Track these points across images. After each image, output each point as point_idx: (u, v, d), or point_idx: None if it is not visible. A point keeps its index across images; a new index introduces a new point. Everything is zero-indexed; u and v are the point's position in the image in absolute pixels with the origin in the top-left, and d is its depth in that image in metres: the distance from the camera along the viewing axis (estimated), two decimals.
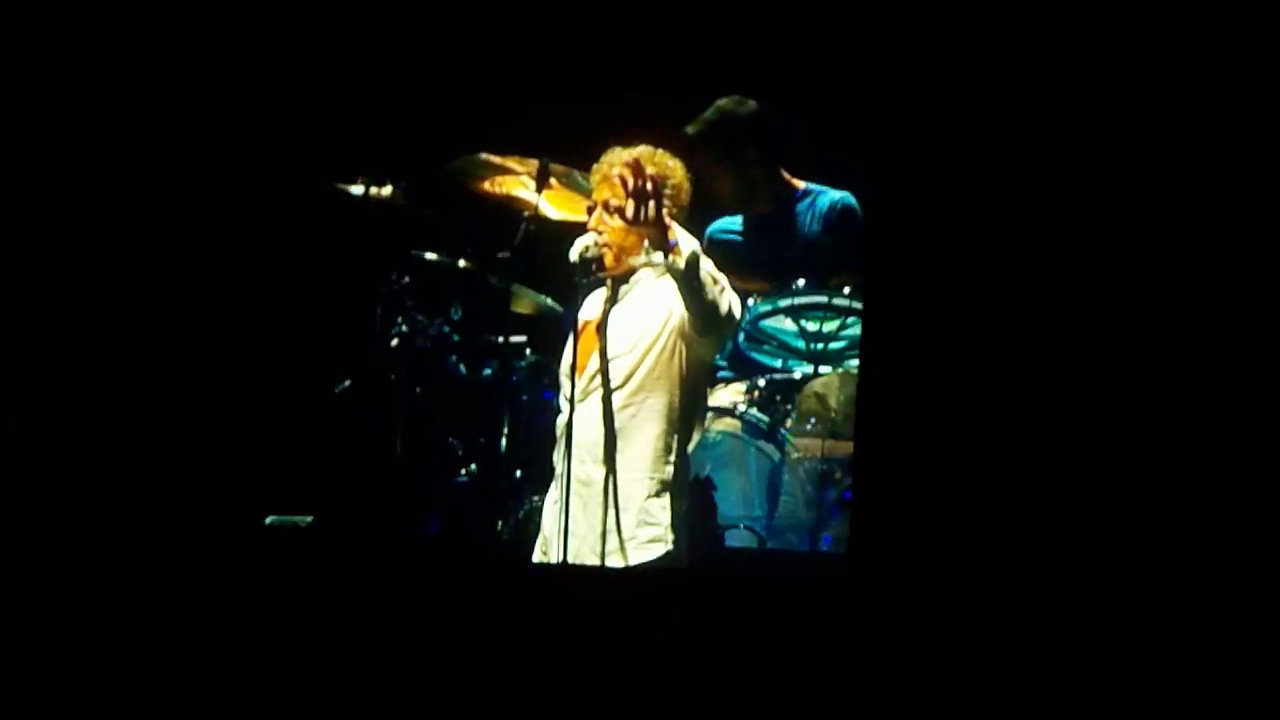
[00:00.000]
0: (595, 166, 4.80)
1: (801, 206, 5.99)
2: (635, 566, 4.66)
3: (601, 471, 4.68)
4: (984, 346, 4.63)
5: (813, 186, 6.00)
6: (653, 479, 4.70)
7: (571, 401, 4.72)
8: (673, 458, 4.72)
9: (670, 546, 4.71)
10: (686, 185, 4.76)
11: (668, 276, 4.63)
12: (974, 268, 4.64)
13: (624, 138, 4.81)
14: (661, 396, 4.70)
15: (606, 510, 4.66)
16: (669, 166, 4.73)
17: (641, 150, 4.74)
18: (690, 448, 4.81)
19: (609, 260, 4.74)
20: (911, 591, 4.61)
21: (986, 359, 4.63)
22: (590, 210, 4.77)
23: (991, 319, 4.63)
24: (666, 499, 4.71)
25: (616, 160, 4.72)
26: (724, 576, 4.93)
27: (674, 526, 4.71)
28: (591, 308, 4.81)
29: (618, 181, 4.58)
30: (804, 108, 5.62)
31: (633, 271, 4.76)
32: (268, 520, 5.31)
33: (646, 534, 4.69)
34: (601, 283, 4.79)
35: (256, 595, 4.84)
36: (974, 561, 4.61)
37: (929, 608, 4.59)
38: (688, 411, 4.76)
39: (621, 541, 4.67)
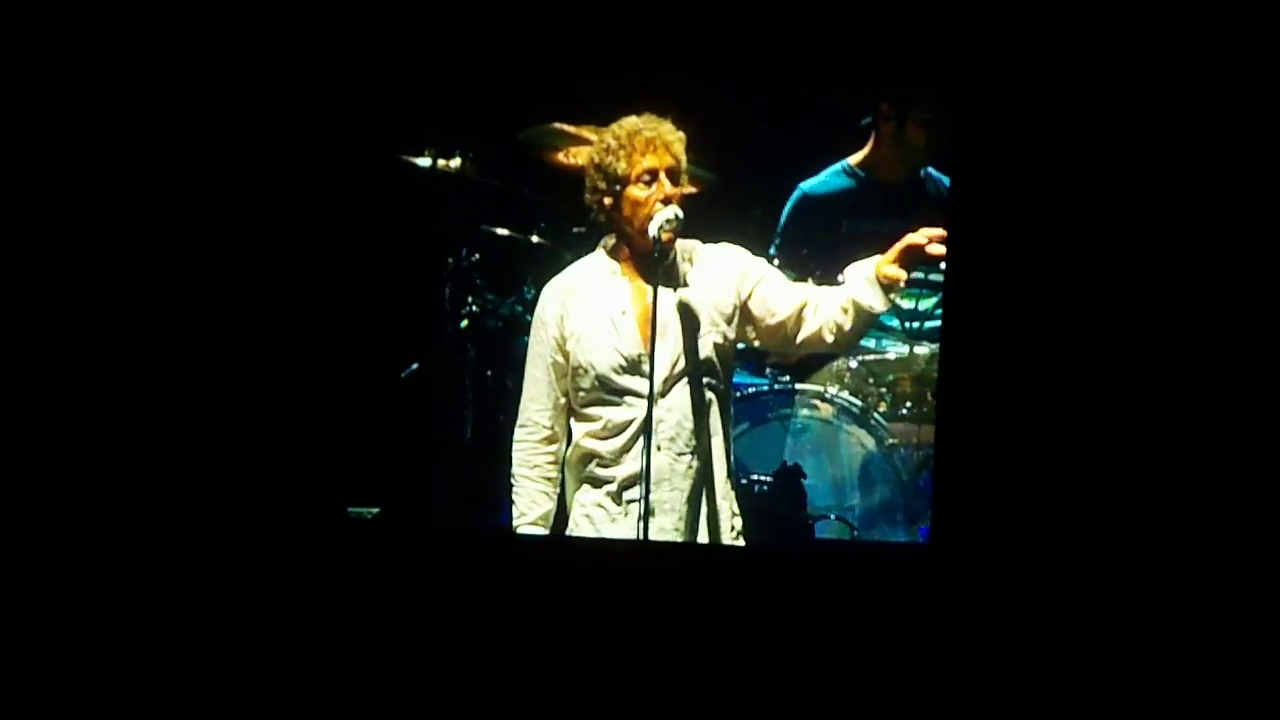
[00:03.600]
0: (641, 130, 4.50)
1: (927, 186, 5.73)
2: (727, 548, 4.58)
3: (695, 462, 4.51)
4: (1071, 326, 4.42)
5: (931, 169, 5.76)
6: (729, 463, 4.59)
7: (651, 396, 4.45)
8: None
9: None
10: None
11: (687, 247, 4.54)
12: (1058, 245, 4.43)
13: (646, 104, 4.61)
14: (728, 380, 4.59)
15: (711, 502, 4.53)
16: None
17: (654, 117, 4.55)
18: None
19: (678, 233, 4.51)
20: (997, 581, 4.43)
21: (1073, 339, 4.42)
22: (644, 175, 4.47)
23: (1077, 298, 4.42)
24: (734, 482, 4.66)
25: (664, 129, 4.49)
26: (814, 566, 4.73)
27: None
28: (626, 293, 4.54)
29: (677, 146, 4.46)
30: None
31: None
32: None
33: (738, 522, 4.60)
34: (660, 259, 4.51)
35: (321, 591, 4.69)
36: (1065, 553, 4.41)
37: (1015, 597, 4.41)
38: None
39: (719, 531, 4.55)
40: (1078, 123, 4.39)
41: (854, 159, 5.72)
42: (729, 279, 4.52)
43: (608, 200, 4.51)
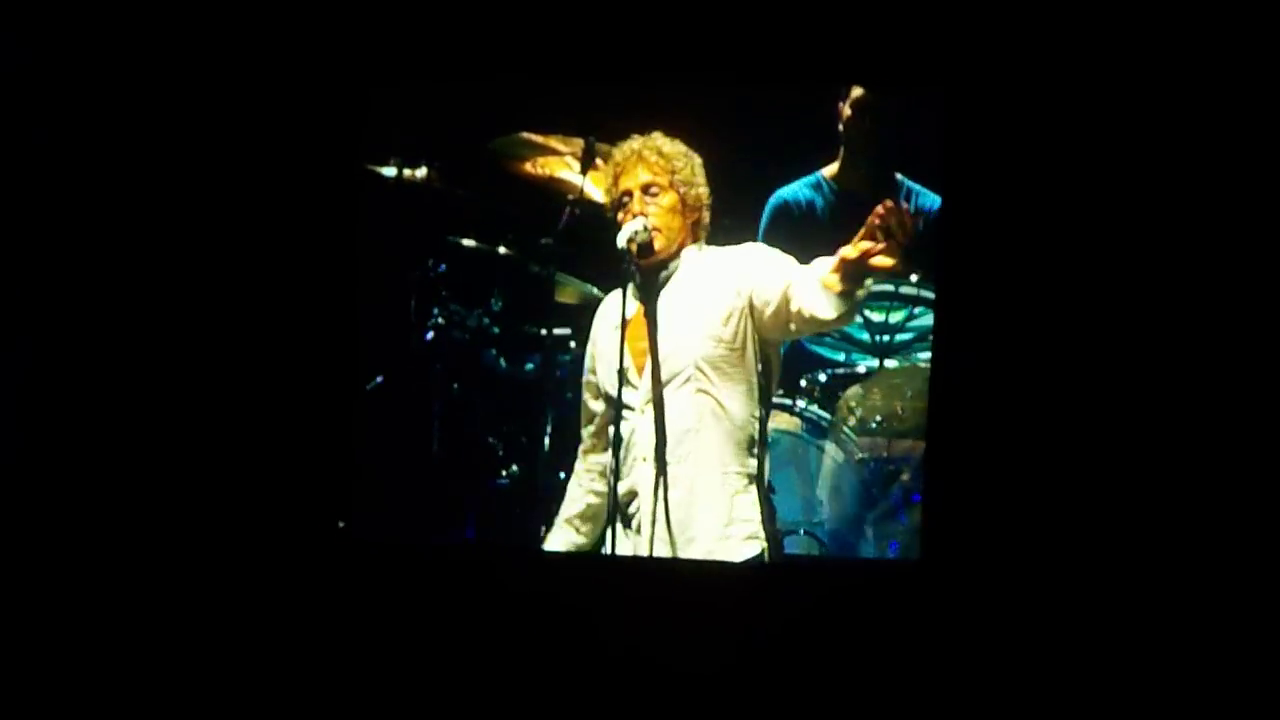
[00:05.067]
0: (619, 154, 4.60)
1: (901, 197, 5.65)
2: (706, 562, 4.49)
3: (677, 473, 4.46)
4: (1064, 340, 4.44)
5: (908, 181, 5.70)
6: (739, 475, 4.48)
7: (618, 404, 4.48)
8: (755, 450, 4.50)
9: (765, 544, 4.50)
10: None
11: (705, 254, 4.54)
12: (1052, 257, 4.45)
13: (671, 119, 4.65)
14: (738, 385, 4.48)
15: (691, 513, 4.46)
16: (687, 151, 4.60)
17: (660, 134, 4.59)
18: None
19: (659, 245, 4.53)
20: (989, 602, 4.45)
21: (1066, 353, 4.44)
22: (622, 197, 4.56)
23: (1072, 310, 4.45)
24: (754, 494, 4.50)
25: (649, 144, 4.57)
26: (785, 584, 4.69)
27: (764, 523, 4.50)
28: (628, 305, 4.54)
29: (656, 162, 4.50)
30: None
31: (672, 257, 4.56)
32: None
33: (741, 531, 4.48)
34: (633, 272, 4.55)
35: (282, 606, 4.71)
36: (1057, 573, 4.42)
37: (1007, 618, 4.43)
38: (764, 398, 4.52)
39: (710, 543, 4.46)
40: (1070, 135, 4.39)
41: (827, 171, 5.70)
42: (728, 281, 4.47)
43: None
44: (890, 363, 5.57)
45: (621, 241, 4.46)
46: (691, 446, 4.44)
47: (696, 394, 4.44)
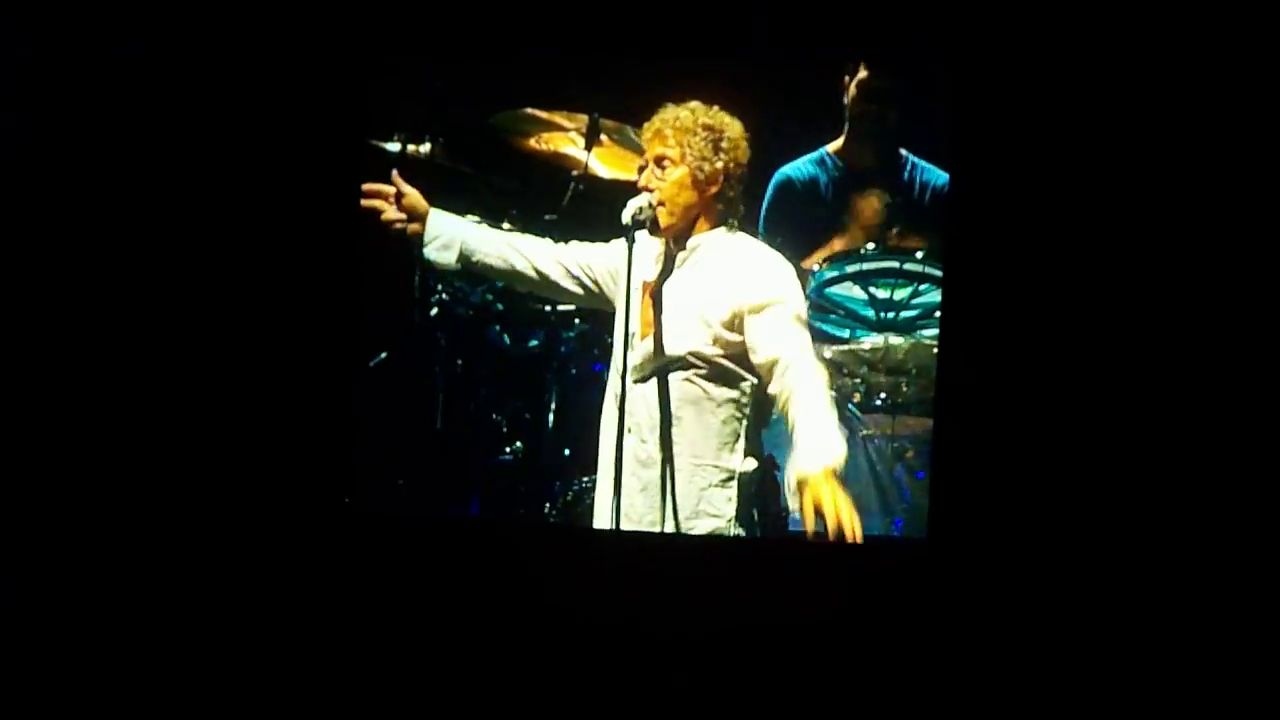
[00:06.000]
0: (647, 123, 4.57)
1: (905, 173, 5.64)
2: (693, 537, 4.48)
3: (653, 454, 4.45)
4: (1071, 318, 4.45)
5: (913, 157, 5.67)
6: (717, 467, 4.45)
7: (623, 375, 4.48)
8: (741, 444, 4.45)
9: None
10: (744, 142, 4.54)
11: (730, 242, 4.49)
12: (1059, 235, 4.46)
13: (678, 95, 4.62)
14: (730, 381, 4.46)
15: (664, 496, 4.43)
16: (725, 122, 4.52)
17: (695, 105, 4.53)
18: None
19: (664, 220, 4.50)
20: (994, 581, 4.47)
21: (1073, 332, 4.45)
22: (641, 168, 4.55)
23: (1079, 289, 4.46)
24: (733, 490, 4.46)
25: (670, 116, 4.51)
26: (789, 561, 4.70)
27: (739, 519, 4.45)
28: (649, 267, 4.55)
29: (670, 135, 4.43)
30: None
31: (689, 234, 4.53)
32: None
33: (705, 525, 4.45)
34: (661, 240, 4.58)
35: (287, 581, 4.75)
36: (1064, 551, 4.44)
37: (1012, 597, 4.45)
38: (758, 395, 4.46)
39: (678, 527, 4.44)
40: (1077, 112, 4.38)
41: (831, 147, 5.68)
42: (740, 293, 4.43)
43: None
44: (895, 339, 5.53)
45: (625, 217, 4.45)
46: (670, 430, 4.42)
47: (683, 382, 4.43)
